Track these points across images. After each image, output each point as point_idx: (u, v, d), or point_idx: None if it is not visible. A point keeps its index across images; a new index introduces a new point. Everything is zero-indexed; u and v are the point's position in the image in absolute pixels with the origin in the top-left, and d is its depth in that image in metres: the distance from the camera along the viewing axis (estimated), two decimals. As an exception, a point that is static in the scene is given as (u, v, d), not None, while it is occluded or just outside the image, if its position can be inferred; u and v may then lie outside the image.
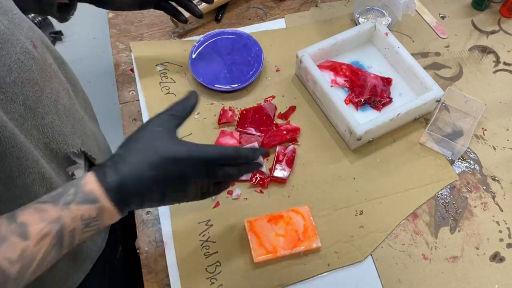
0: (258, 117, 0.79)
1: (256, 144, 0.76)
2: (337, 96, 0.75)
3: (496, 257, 0.68)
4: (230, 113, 0.79)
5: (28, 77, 0.49)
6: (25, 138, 0.48)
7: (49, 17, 0.72)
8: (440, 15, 0.95)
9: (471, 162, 0.77)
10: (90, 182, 0.45)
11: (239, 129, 0.78)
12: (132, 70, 0.87)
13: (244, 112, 0.80)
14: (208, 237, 0.69)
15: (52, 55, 0.59)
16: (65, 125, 0.57)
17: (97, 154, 0.64)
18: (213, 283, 0.65)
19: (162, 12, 0.94)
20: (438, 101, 0.77)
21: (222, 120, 0.79)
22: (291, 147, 0.76)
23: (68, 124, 0.57)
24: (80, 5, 0.73)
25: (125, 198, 0.46)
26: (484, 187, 0.74)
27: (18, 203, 0.46)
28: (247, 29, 0.91)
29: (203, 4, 0.90)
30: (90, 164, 0.63)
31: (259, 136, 0.77)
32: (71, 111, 0.59)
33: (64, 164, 0.57)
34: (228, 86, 0.82)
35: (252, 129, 0.78)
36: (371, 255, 0.68)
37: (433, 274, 0.67)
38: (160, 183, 0.47)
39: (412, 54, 0.81)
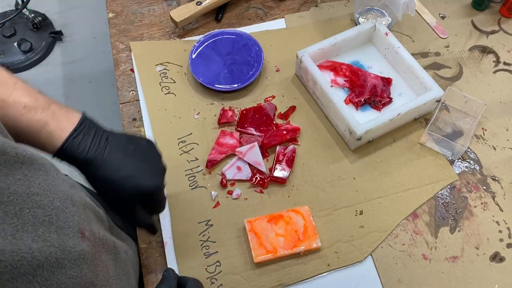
0: (258, 117, 0.79)
1: (256, 144, 0.76)
2: (337, 96, 0.75)
3: (496, 257, 0.68)
4: (230, 113, 0.79)
5: (79, 285, 0.41)
6: None
7: (49, 17, 0.71)
8: (440, 15, 0.95)
9: (471, 162, 0.77)
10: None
11: (239, 129, 0.78)
12: (132, 70, 0.87)
13: (244, 112, 0.80)
14: (208, 237, 0.69)
15: (95, 216, 0.52)
16: None
17: None
18: (213, 283, 0.65)
19: (162, 12, 0.95)
20: (438, 101, 0.77)
21: (222, 120, 0.79)
22: (291, 147, 0.76)
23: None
24: (80, 5, 0.73)
25: None
26: (484, 187, 0.74)
27: None
28: (247, 29, 0.91)
29: (205, 2, 0.90)
30: None
31: (259, 136, 0.77)
32: (121, 275, 0.53)
33: None
34: (228, 86, 0.82)
35: (252, 129, 0.78)
36: (371, 255, 0.68)
37: (433, 274, 0.67)
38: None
39: (412, 54, 0.81)
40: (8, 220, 0.36)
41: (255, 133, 0.78)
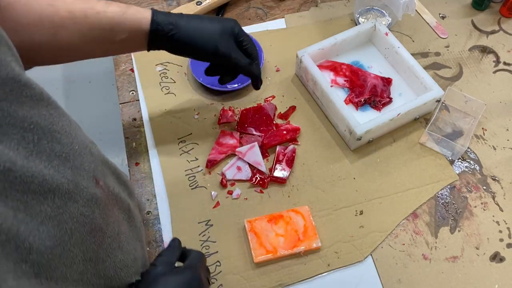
0: (258, 117, 0.79)
1: (256, 144, 0.76)
2: (337, 96, 0.75)
3: (496, 257, 0.68)
4: (230, 113, 0.79)
5: (90, 228, 0.43)
6: None
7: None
8: (440, 15, 0.95)
9: (471, 162, 0.77)
10: None
11: (239, 129, 0.78)
12: (132, 70, 0.87)
13: (244, 111, 0.80)
14: (208, 237, 0.69)
15: (113, 175, 0.55)
16: (128, 253, 0.52)
17: (147, 259, 0.62)
18: (213, 283, 0.65)
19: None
20: (438, 101, 0.77)
21: (222, 120, 0.79)
22: (291, 147, 0.76)
23: (131, 250, 0.53)
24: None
25: None
26: (484, 187, 0.74)
27: None
28: (247, 29, 0.91)
29: (205, 2, 0.90)
30: None
31: (259, 136, 0.77)
32: (132, 234, 0.55)
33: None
34: (228, 86, 0.82)
35: (252, 129, 0.78)
36: (371, 255, 0.68)
37: (433, 274, 0.67)
38: None
39: (412, 54, 0.81)
40: (24, 144, 0.38)
41: (255, 133, 0.78)
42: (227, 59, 0.66)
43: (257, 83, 0.71)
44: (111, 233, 0.48)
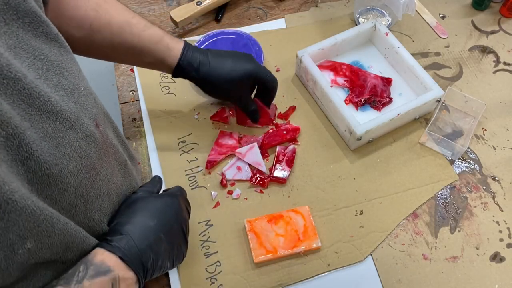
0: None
1: (255, 145, 0.76)
2: (337, 96, 0.75)
3: (496, 257, 0.68)
4: (226, 113, 0.79)
5: (86, 163, 0.46)
6: (72, 224, 0.44)
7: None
8: (440, 15, 0.95)
9: (471, 162, 0.77)
10: (98, 253, 0.47)
11: (240, 123, 0.78)
12: (132, 70, 0.87)
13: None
14: (208, 237, 0.69)
15: (114, 130, 0.58)
16: (114, 204, 0.54)
17: None
18: (213, 283, 0.65)
19: (162, 12, 0.95)
20: (438, 101, 0.77)
21: (215, 117, 0.79)
22: (291, 147, 0.76)
23: (117, 202, 0.55)
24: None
25: (137, 258, 0.49)
26: (484, 187, 0.74)
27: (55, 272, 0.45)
28: (247, 29, 0.91)
29: (205, 2, 0.90)
30: None
31: (258, 139, 0.77)
32: (123, 186, 0.57)
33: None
34: (228, 86, 0.82)
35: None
36: (371, 255, 0.68)
37: (433, 274, 0.67)
38: (164, 229, 0.53)
39: (412, 54, 0.81)
40: (34, 68, 0.42)
41: (256, 125, 0.78)
42: (236, 101, 0.74)
43: (255, 120, 0.77)
44: (103, 176, 0.51)
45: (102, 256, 0.47)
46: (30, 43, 0.43)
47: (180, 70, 0.68)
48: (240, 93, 0.72)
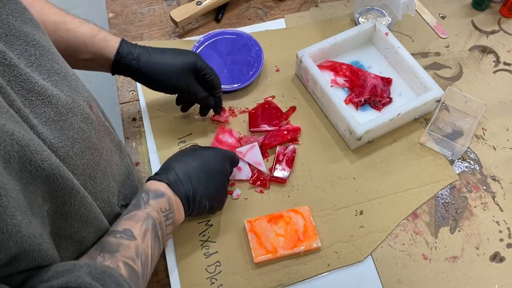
0: (268, 112, 0.79)
1: (256, 145, 0.76)
2: (337, 96, 0.75)
3: (496, 257, 0.68)
4: (225, 114, 0.79)
5: (88, 144, 0.48)
6: (89, 199, 0.47)
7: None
8: (440, 15, 0.95)
9: (471, 162, 0.77)
10: (151, 184, 0.58)
11: (252, 129, 0.78)
12: (132, 70, 0.86)
13: (253, 111, 0.79)
14: (208, 237, 0.69)
15: (102, 113, 0.59)
16: (117, 183, 0.57)
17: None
18: (213, 283, 0.65)
19: (162, 12, 0.95)
20: (438, 101, 0.77)
21: (215, 117, 0.79)
22: (291, 147, 0.76)
23: (119, 182, 0.58)
24: (79, 5, 0.73)
25: (181, 187, 0.59)
26: (484, 187, 0.74)
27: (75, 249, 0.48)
28: (247, 29, 0.91)
29: (205, 2, 0.90)
30: None
31: (274, 130, 0.78)
32: (122, 166, 0.60)
33: (113, 219, 0.56)
34: (228, 86, 0.82)
35: (266, 125, 0.78)
36: (371, 255, 0.68)
37: (433, 274, 0.67)
38: (204, 170, 0.61)
39: (412, 54, 0.81)
40: (27, 55, 0.42)
41: (269, 128, 0.78)
42: (185, 92, 0.71)
43: (216, 111, 0.77)
44: (106, 157, 0.53)
45: (156, 185, 0.58)
46: (22, 29, 0.42)
47: (119, 61, 0.66)
48: (185, 83, 0.69)
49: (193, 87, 0.70)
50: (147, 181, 0.60)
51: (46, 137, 0.40)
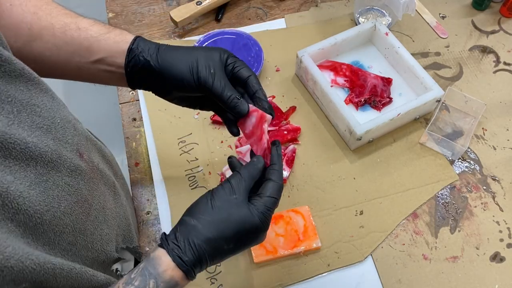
0: None
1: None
2: (337, 96, 0.75)
3: (496, 257, 0.68)
4: None
5: (77, 198, 0.45)
6: (76, 269, 0.43)
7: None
8: (440, 15, 0.95)
9: (471, 162, 0.77)
10: (168, 268, 0.46)
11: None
12: (132, 70, 0.86)
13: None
14: (208, 237, 0.69)
15: (98, 152, 0.56)
16: (113, 228, 0.54)
17: (135, 236, 0.63)
18: (213, 283, 0.65)
19: (162, 12, 0.95)
20: (438, 101, 0.77)
21: (215, 117, 0.79)
22: (291, 147, 0.76)
23: (115, 226, 0.55)
24: (79, 5, 0.73)
25: (201, 269, 0.48)
26: (484, 187, 0.74)
27: None
28: (247, 29, 0.91)
29: (205, 2, 0.90)
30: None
31: (274, 130, 0.77)
32: (116, 209, 0.57)
33: (110, 264, 0.54)
34: (228, 86, 0.81)
35: None
36: (371, 255, 0.68)
37: (433, 274, 0.67)
38: (235, 251, 0.50)
39: (412, 54, 0.81)
40: (5, 114, 0.39)
41: (269, 128, 0.78)
42: (208, 89, 0.55)
43: (232, 124, 0.60)
44: (97, 206, 0.49)
45: (172, 273, 0.46)
46: None
47: (134, 57, 0.57)
48: (211, 74, 0.55)
49: (218, 79, 0.55)
50: (160, 243, 0.49)
51: (28, 206, 0.38)
